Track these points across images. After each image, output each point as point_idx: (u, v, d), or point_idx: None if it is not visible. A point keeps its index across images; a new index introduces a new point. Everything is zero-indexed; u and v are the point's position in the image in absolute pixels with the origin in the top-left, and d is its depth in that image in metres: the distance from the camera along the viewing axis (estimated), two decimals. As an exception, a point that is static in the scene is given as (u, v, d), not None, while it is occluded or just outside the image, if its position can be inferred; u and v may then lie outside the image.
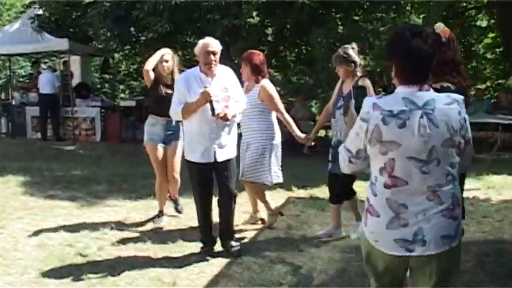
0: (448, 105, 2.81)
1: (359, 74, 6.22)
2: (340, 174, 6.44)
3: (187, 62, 19.77)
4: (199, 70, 5.83)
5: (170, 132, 7.04)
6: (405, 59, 2.86)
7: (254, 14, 13.45)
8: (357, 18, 15.28)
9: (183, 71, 6.42)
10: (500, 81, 20.28)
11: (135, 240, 6.45)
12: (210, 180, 5.87)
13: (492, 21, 19.01)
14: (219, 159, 5.75)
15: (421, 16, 18.46)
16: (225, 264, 5.63)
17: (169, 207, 7.50)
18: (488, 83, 20.46)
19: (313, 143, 6.86)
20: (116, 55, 20.05)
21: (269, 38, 15.19)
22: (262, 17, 14.49)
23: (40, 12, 16.82)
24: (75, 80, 17.90)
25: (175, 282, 5.15)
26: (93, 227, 6.94)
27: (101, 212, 7.72)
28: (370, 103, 2.87)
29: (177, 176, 7.16)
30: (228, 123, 5.72)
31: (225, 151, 5.80)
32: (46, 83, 16.26)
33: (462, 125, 2.84)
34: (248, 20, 12.88)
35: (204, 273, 5.40)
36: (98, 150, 14.38)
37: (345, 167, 3.11)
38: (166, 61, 6.99)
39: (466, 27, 18.78)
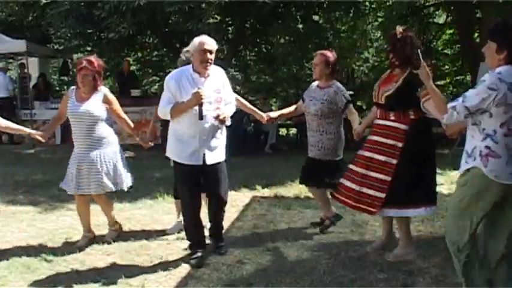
0: None
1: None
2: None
3: (147, 62, 19.80)
4: (192, 69, 5.59)
5: None
6: None
7: (215, 13, 13.44)
8: (316, 17, 15.36)
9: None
10: (458, 77, 20.52)
11: (100, 243, 6.36)
12: (198, 183, 5.70)
13: (450, 17, 19.24)
14: (209, 162, 5.59)
15: (381, 15, 18.70)
16: (193, 266, 5.59)
17: (138, 208, 7.45)
18: (447, 80, 20.68)
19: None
20: (75, 56, 19.81)
21: (229, 37, 15.17)
22: (223, 16, 14.49)
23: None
24: (34, 82, 17.65)
25: (144, 285, 5.09)
26: (57, 231, 6.84)
27: (65, 215, 7.60)
28: (496, 77, 3.91)
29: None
30: (220, 125, 5.61)
31: (215, 154, 5.65)
32: None
33: None
34: (209, 21, 12.86)
35: (172, 275, 5.35)
36: (59, 153, 14.11)
37: (455, 119, 4.09)
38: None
39: (425, 24, 18.98)
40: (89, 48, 15.67)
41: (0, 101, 15.83)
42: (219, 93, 5.60)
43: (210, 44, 5.52)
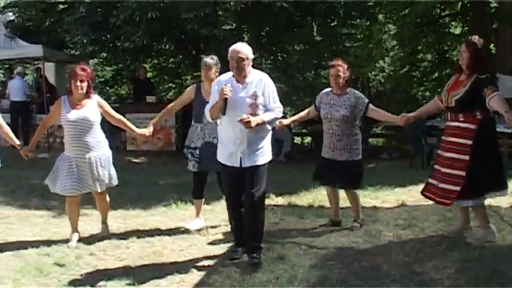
0: None
1: None
2: None
3: (163, 69, 19.85)
4: (233, 75, 5.78)
5: None
6: None
7: (231, 21, 13.47)
8: (333, 24, 15.35)
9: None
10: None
11: (113, 248, 6.39)
12: (238, 184, 5.86)
13: (466, 28, 19.17)
14: (245, 165, 5.75)
15: (397, 24, 18.64)
16: (206, 273, 5.58)
17: (151, 215, 7.44)
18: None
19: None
20: (91, 61, 19.90)
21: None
22: (239, 23, 14.50)
23: (13, 18, 16.63)
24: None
25: (156, 292, 5.10)
26: (71, 236, 6.84)
27: (78, 220, 7.60)
28: None
29: None
30: (248, 129, 5.60)
31: (252, 157, 5.77)
32: (17, 90, 16.05)
33: None
34: (224, 27, 12.89)
35: (185, 282, 5.35)
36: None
37: None
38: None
39: (440, 34, 18.93)
40: (104, 54, 15.73)
41: (18, 105, 15.91)
42: (255, 100, 5.68)
43: (238, 51, 5.70)
